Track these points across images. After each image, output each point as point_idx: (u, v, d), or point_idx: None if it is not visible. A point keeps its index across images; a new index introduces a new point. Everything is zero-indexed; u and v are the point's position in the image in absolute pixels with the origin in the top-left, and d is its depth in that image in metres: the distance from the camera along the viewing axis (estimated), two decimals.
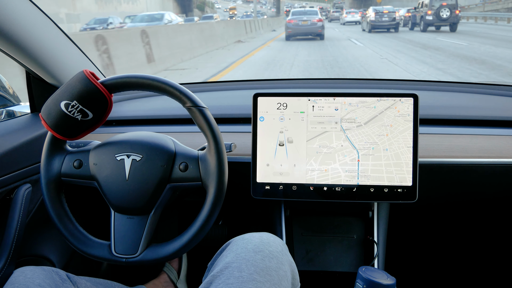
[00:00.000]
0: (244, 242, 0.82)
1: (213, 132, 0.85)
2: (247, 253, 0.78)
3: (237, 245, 0.82)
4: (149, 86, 0.84)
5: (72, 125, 0.84)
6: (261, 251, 0.79)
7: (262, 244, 0.81)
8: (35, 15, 1.05)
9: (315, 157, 1.04)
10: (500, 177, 1.15)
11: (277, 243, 0.85)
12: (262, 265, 0.76)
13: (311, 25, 16.72)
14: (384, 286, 0.89)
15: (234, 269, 0.75)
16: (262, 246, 0.80)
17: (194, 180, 0.87)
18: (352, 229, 1.22)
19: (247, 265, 0.75)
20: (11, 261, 0.99)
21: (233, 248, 0.81)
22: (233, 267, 0.76)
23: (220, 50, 13.34)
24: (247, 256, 0.78)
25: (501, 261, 1.56)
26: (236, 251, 0.80)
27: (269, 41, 17.35)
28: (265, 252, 0.79)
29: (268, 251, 0.80)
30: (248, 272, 0.74)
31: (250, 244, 0.81)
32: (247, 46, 14.86)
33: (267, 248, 0.80)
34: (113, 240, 0.89)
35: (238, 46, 14.85)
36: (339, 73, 8.25)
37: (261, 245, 0.81)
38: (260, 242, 0.82)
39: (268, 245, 0.81)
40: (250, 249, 0.79)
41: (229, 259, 0.78)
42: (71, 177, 0.90)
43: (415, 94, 1.02)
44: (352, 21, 30.15)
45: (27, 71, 1.16)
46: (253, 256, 0.77)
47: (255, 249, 0.79)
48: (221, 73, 8.72)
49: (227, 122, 1.27)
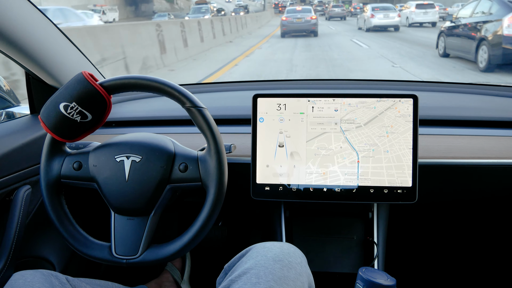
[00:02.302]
0: (264, 250, 0.82)
1: (213, 132, 0.85)
2: (267, 261, 0.79)
3: (258, 252, 0.82)
4: (148, 87, 0.84)
5: (71, 127, 0.84)
6: (280, 261, 0.79)
7: (282, 254, 0.81)
8: (34, 16, 1.05)
9: (313, 159, 1.04)
10: (499, 177, 1.15)
11: (297, 254, 0.85)
12: (280, 274, 0.77)
13: (305, 23, 17.12)
14: (384, 287, 0.89)
15: (252, 276, 0.76)
16: (282, 256, 0.81)
17: (194, 180, 0.87)
18: (352, 230, 1.22)
19: (265, 272, 0.76)
20: (11, 263, 0.99)
21: (253, 255, 0.82)
22: (252, 274, 0.76)
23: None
24: (266, 264, 0.78)
25: (500, 261, 1.56)
26: (256, 258, 0.80)
27: (252, 48, 13.25)
28: (284, 262, 0.80)
29: (288, 261, 0.80)
30: (266, 279, 0.75)
31: (270, 253, 0.81)
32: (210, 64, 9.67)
33: (287, 258, 0.81)
34: (114, 241, 0.89)
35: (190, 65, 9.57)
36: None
37: (281, 254, 0.81)
38: (280, 251, 0.82)
39: (288, 256, 0.82)
40: (270, 258, 0.80)
41: (249, 265, 0.79)
42: (70, 179, 0.90)
43: (415, 94, 1.02)
44: (385, 26, 18.48)
45: (27, 72, 1.16)
46: (272, 265, 0.78)
47: (275, 258, 0.80)
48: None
49: (227, 123, 1.27)
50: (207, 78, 7.92)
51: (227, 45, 14.33)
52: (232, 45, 14.57)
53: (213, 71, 8.69)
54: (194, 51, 11.38)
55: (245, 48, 13.32)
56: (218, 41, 14.10)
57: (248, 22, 21.78)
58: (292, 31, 17.33)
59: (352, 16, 35.31)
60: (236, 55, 11.30)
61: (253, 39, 16.62)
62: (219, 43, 14.11)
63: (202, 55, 11.48)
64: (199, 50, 11.76)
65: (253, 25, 23.40)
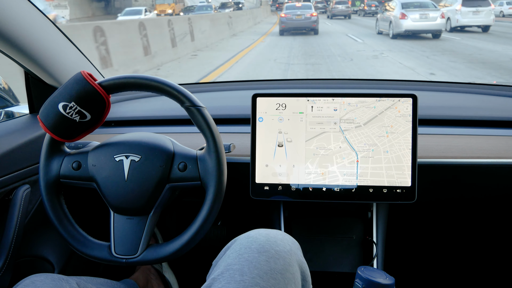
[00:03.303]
0: (248, 241, 0.76)
1: (212, 131, 0.85)
2: (251, 253, 0.73)
3: (241, 244, 0.76)
4: (147, 86, 0.84)
5: (70, 127, 0.84)
6: (266, 252, 0.73)
7: (268, 243, 0.75)
8: (33, 15, 1.05)
9: (312, 159, 1.04)
10: (498, 177, 1.16)
11: (285, 241, 0.78)
12: (266, 267, 0.71)
13: (305, 20, 16.11)
14: (383, 286, 0.89)
15: (236, 272, 0.70)
16: (268, 246, 0.74)
17: (193, 179, 0.87)
18: (351, 229, 1.22)
19: (250, 267, 0.70)
20: (10, 262, 0.99)
21: (236, 248, 0.76)
22: (235, 270, 0.71)
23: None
24: (250, 257, 0.72)
25: (499, 260, 1.56)
26: (239, 251, 0.74)
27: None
28: (270, 253, 0.73)
29: (274, 251, 0.74)
30: (251, 275, 0.69)
31: (254, 244, 0.75)
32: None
33: (273, 248, 0.74)
34: (113, 241, 0.89)
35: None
36: None
37: (267, 244, 0.75)
38: (266, 241, 0.76)
39: (275, 244, 0.75)
40: (254, 249, 0.74)
41: (231, 260, 0.73)
42: (70, 178, 0.90)
43: (414, 94, 1.02)
44: (423, 30, 13.04)
45: (26, 72, 1.16)
46: (257, 258, 0.72)
47: (260, 249, 0.74)
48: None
49: (226, 123, 1.27)
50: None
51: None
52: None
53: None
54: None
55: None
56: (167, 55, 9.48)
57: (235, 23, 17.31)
58: (292, 28, 16.49)
59: (365, 15, 29.31)
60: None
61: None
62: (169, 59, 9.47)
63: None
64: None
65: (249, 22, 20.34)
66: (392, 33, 13.11)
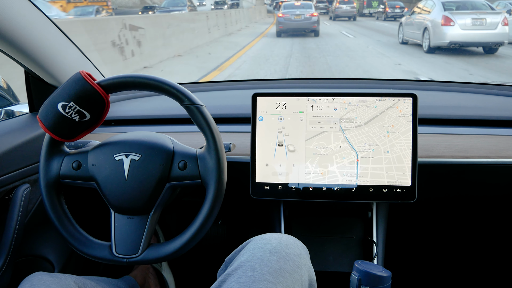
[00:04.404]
0: (262, 242, 0.81)
1: (211, 129, 0.85)
2: (263, 253, 0.78)
3: (255, 244, 0.81)
4: (146, 86, 0.84)
5: (69, 127, 0.84)
6: (277, 252, 0.78)
7: (279, 246, 0.80)
8: (34, 15, 1.05)
9: (312, 158, 1.04)
10: (498, 176, 1.16)
11: (296, 246, 0.84)
12: (276, 266, 0.76)
13: (304, 20, 14.58)
14: (379, 277, 0.89)
15: (248, 268, 0.75)
16: (279, 248, 0.80)
17: (193, 178, 0.87)
18: (351, 229, 1.22)
19: (261, 265, 0.75)
20: (10, 261, 0.99)
21: (250, 248, 0.81)
22: (247, 266, 0.76)
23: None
24: (262, 256, 0.77)
25: (499, 260, 1.56)
26: (253, 251, 0.79)
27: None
28: (281, 254, 0.78)
29: (285, 253, 0.79)
30: (261, 272, 0.74)
31: (267, 245, 0.80)
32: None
33: (284, 250, 0.80)
34: (114, 240, 0.89)
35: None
36: None
37: (279, 246, 0.80)
38: (278, 243, 0.81)
39: (286, 247, 0.81)
40: (266, 250, 0.79)
41: (245, 258, 0.78)
42: (70, 178, 0.90)
43: (414, 94, 1.02)
44: (476, 43, 8.75)
45: (26, 71, 1.16)
46: (268, 257, 0.77)
47: (272, 250, 0.79)
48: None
49: (226, 122, 1.27)
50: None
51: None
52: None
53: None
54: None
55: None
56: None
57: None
58: (290, 29, 14.81)
59: (386, 19, 22.69)
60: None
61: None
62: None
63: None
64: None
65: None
66: (429, 45, 8.94)
